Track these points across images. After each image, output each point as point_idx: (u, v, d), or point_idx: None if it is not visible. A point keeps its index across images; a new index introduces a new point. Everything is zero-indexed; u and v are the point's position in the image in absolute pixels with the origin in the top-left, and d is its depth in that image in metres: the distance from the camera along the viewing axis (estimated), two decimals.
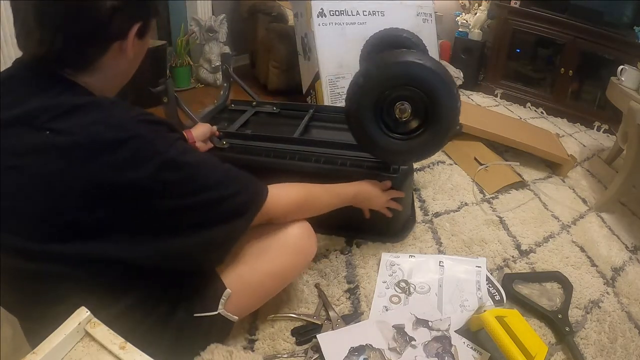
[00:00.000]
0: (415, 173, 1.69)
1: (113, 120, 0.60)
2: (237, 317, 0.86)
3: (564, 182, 1.91)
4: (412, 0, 2.46)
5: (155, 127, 0.64)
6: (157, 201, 0.63)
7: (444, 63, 3.11)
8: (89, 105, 0.61)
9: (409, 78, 1.07)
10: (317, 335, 0.97)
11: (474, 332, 1.02)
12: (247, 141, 1.34)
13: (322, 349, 0.93)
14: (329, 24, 2.16)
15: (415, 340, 0.99)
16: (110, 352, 0.47)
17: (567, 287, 1.23)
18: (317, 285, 1.14)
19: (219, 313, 0.82)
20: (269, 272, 0.88)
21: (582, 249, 1.43)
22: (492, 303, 1.13)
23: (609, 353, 1.04)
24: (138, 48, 0.69)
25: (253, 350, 0.96)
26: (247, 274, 0.85)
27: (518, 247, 1.40)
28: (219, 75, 2.77)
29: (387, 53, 1.08)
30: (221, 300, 0.81)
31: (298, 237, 0.91)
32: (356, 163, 1.26)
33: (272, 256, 0.88)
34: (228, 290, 0.82)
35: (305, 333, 1.00)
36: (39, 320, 0.66)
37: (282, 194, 0.85)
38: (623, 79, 1.95)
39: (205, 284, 0.82)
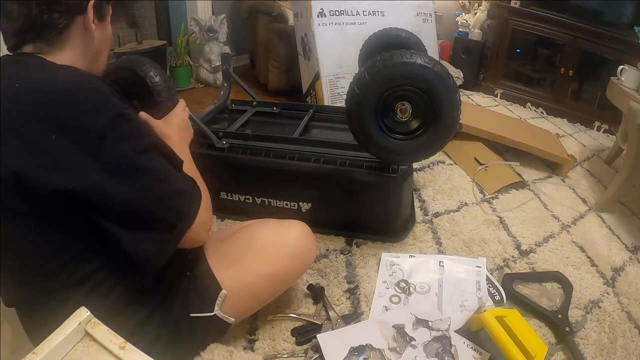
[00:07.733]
0: (415, 173, 1.69)
1: (78, 73, 0.67)
2: (234, 319, 0.85)
3: (564, 182, 1.91)
4: (412, 0, 2.47)
5: (114, 91, 0.67)
6: (109, 146, 0.61)
7: (444, 63, 3.11)
8: (53, 66, 0.67)
9: (410, 78, 1.07)
10: (317, 335, 0.97)
11: (474, 332, 1.02)
12: (247, 141, 1.34)
13: (322, 349, 0.93)
14: (329, 24, 2.17)
15: (415, 340, 0.99)
16: (110, 352, 0.47)
17: (567, 287, 1.23)
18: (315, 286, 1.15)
19: (215, 314, 0.81)
20: (267, 274, 0.87)
21: (582, 249, 1.43)
22: (492, 303, 1.13)
23: (609, 353, 1.04)
24: (100, 31, 0.74)
25: (253, 350, 0.96)
26: (244, 276, 0.85)
27: (518, 247, 1.40)
28: (219, 75, 2.77)
29: (389, 53, 1.08)
30: (217, 301, 0.81)
31: (296, 239, 0.91)
32: (356, 163, 1.26)
33: (270, 259, 0.87)
34: (224, 291, 0.81)
35: (305, 333, 1.00)
36: (38, 315, 0.68)
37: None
38: (623, 79, 1.95)
39: (201, 284, 0.81)
